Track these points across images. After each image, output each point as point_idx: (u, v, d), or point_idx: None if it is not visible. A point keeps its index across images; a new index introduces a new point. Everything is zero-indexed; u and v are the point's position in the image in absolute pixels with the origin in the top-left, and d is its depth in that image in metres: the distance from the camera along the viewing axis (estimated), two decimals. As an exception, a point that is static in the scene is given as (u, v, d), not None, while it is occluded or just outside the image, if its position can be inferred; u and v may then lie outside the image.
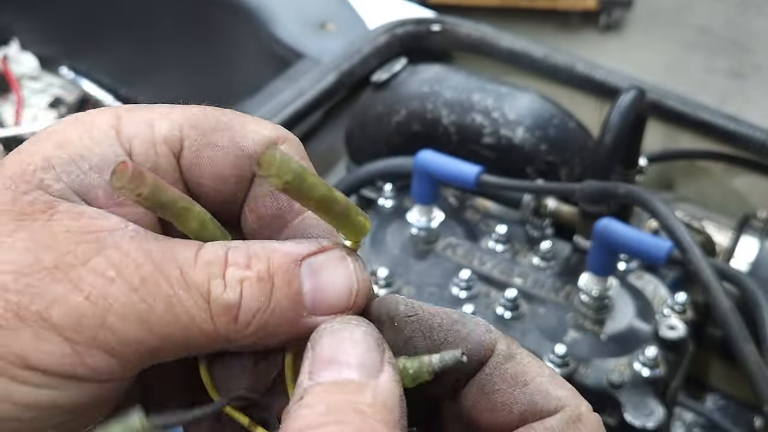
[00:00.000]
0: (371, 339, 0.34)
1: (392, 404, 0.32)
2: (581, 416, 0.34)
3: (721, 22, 4.19)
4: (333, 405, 0.31)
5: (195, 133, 0.38)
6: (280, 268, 0.35)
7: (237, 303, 0.34)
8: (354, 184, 1.21)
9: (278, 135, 0.39)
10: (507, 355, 0.36)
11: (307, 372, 0.33)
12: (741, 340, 0.90)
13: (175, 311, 0.33)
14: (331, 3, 1.63)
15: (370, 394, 0.31)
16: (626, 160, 1.20)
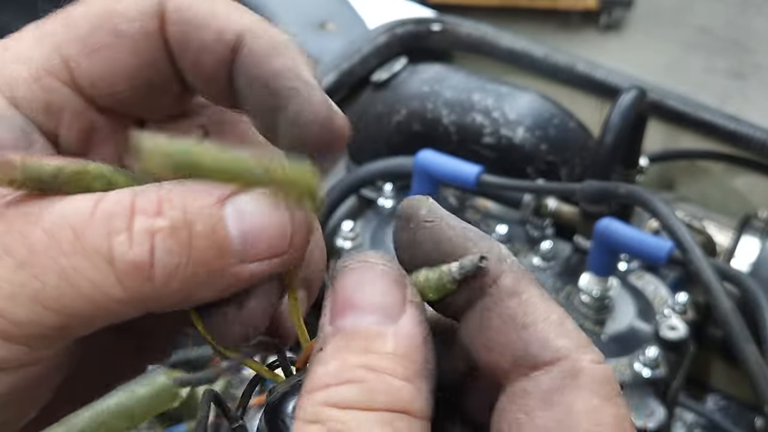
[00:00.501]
0: (390, 277, 0.30)
1: (413, 351, 0.29)
2: (580, 371, 0.29)
3: (721, 21, 4.19)
4: (347, 362, 0.28)
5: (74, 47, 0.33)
6: (200, 213, 0.30)
7: (148, 261, 0.29)
8: (354, 184, 1.21)
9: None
10: (511, 291, 0.31)
11: (328, 315, 0.30)
12: (742, 340, 0.90)
13: (72, 282, 0.29)
14: (331, 3, 1.63)
15: (390, 342, 0.29)
16: (627, 160, 1.20)
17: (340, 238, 1.14)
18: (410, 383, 0.28)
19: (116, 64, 0.34)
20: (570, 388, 0.29)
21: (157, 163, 0.27)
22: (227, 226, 0.30)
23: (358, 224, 1.16)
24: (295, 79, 0.33)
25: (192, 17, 0.34)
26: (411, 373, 0.29)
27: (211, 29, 0.33)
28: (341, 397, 0.28)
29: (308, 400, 0.28)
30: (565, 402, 0.29)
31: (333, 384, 0.28)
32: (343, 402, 0.28)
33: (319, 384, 0.28)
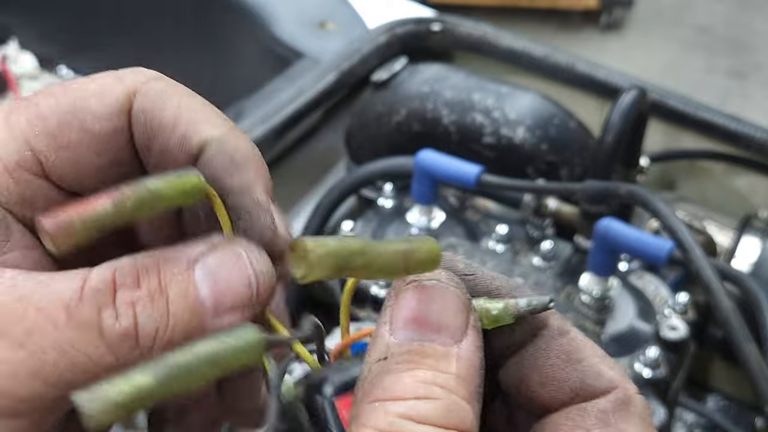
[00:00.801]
0: (459, 300, 0.33)
1: (473, 374, 0.31)
2: (631, 399, 0.33)
3: (721, 21, 4.19)
4: (420, 377, 0.30)
5: (43, 141, 0.35)
6: (173, 280, 0.33)
7: (133, 330, 0.32)
8: (354, 184, 1.21)
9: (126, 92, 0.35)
10: (561, 330, 0.35)
11: (389, 324, 0.32)
12: (742, 340, 0.90)
13: (69, 356, 0.31)
14: (331, 2, 1.63)
15: (454, 363, 0.31)
16: (627, 159, 1.20)
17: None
18: (471, 405, 0.31)
19: (84, 160, 0.35)
20: (624, 413, 0.33)
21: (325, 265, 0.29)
22: (197, 288, 0.33)
23: (358, 224, 1.16)
24: (247, 199, 0.35)
25: (157, 121, 0.35)
26: (470, 395, 0.31)
27: (174, 135, 0.35)
28: (419, 411, 0.29)
29: (381, 410, 0.30)
30: (621, 425, 0.32)
31: (409, 398, 0.30)
32: (420, 417, 0.29)
33: (393, 395, 0.30)
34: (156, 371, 0.28)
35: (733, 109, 1.39)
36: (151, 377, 0.28)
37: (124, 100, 0.35)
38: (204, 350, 0.29)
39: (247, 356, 0.30)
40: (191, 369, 0.29)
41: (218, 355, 0.29)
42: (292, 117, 1.29)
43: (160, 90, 0.36)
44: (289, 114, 1.29)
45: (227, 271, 0.33)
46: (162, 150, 0.35)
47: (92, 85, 0.36)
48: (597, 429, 0.32)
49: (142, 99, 0.35)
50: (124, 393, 0.27)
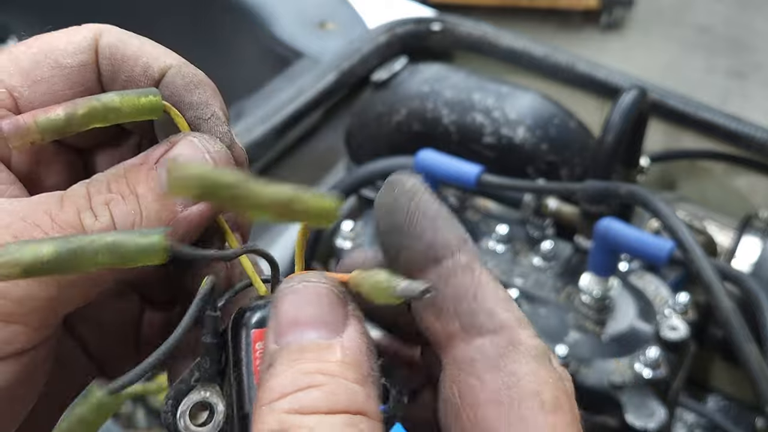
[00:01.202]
0: (332, 295, 0.33)
1: (360, 359, 0.32)
2: (519, 342, 0.33)
3: (721, 21, 4.19)
4: (302, 370, 0.30)
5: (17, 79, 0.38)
6: (139, 179, 0.36)
7: (111, 225, 0.35)
8: (354, 184, 1.21)
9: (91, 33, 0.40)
10: (465, 266, 0.34)
11: (273, 335, 0.32)
12: (743, 340, 0.90)
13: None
14: (331, 2, 1.63)
15: (338, 352, 0.31)
16: (627, 159, 1.20)
17: (340, 238, 1.14)
18: (363, 387, 0.31)
19: (56, 93, 0.39)
20: (512, 354, 0.32)
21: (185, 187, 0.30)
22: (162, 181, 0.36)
23: (358, 224, 1.15)
24: (205, 111, 0.39)
25: (122, 54, 0.39)
26: (361, 377, 0.31)
27: (138, 64, 0.39)
28: (303, 402, 0.30)
29: (269, 411, 0.30)
30: (510, 367, 0.32)
31: (292, 391, 0.30)
32: (307, 407, 0.29)
33: (276, 394, 0.30)
34: (59, 245, 0.31)
35: (733, 109, 1.39)
36: (53, 249, 0.30)
37: (90, 38, 0.39)
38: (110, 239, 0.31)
39: (147, 256, 0.32)
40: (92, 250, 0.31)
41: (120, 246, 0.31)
42: (292, 117, 1.29)
43: (120, 31, 0.40)
44: (289, 114, 1.29)
45: (184, 158, 0.37)
46: (127, 79, 0.39)
47: (57, 33, 0.40)
48: (488, 375, 0.32)
49: (107, 36, 0.39)
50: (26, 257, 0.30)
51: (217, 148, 0.38)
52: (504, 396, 0.32)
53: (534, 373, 0.32)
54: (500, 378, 0.32)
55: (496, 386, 0.32)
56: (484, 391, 0.32)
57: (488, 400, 0.32)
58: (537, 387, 0.32)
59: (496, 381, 0.32)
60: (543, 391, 0.32)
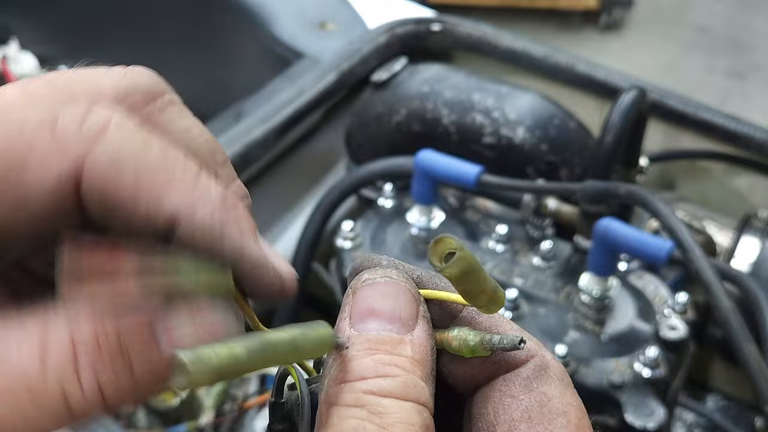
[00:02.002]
0: (410, 294, 0.36)
1: (426, 358, 0.35)
2: (549, 364, 0.37)
3: (721, 21, 4.19)
4: (379, 360, 0.34)
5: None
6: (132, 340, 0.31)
7: (101, 400, 0.31)
8: (354, 184, 1.21)
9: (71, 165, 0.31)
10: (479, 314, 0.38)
11: (348, 318, 0.35)
12: (742, 340, 0.90)
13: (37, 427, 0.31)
14: (331, 2, 1.63)
15: (408, 348, 0.35)
16: (627, 160, 1.20)
17: (340, 238, 1.14)
18: (427, 384, 0.34)
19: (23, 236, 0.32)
20: (544, 377, 0.36)
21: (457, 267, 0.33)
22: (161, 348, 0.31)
23: (358, 224, 1.16)
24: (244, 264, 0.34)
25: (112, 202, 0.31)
26: (425, 376, 0.35)
27: (137, 215, 0.31)
28: (380, 386, 0.33)
29: (348, 390, 0.33)
30: (542, 388, 0.36)
31: (372, 376, 0.33)
32: (383, 391, 0.33)
33: (358, 376, 0.34)
34: (249, 346, 0.31)
35: (732, 109, 1.39)
36: (245, 351, 0.31)
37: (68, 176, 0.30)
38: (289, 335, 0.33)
39: (320, 348, 0.34)
40: (277, 350, 0.32)
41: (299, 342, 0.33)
42: (292, 117, 1.29)
43: (111, 156, 0.31)
44: (289, 114, 1.29)
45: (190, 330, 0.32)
46: (126, 228, 0.32)
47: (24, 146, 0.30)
48: (522, 395, 0.36)
49: (91, 175, 0.30)
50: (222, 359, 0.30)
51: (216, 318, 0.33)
52: (536, 413, 0.35)
53: (562, 394, 0.36)
54: (533, 397, 0.36)
55: (529, 404, 0.35)
56: (519, 408, 0.35)
57: (522, 417, 0.35)
58: (564, 408, 0.35)
59: (530, 400, 0.36)
60: (569, 411, 0.35)
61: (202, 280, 0.32)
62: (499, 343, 0.35)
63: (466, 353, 0.36)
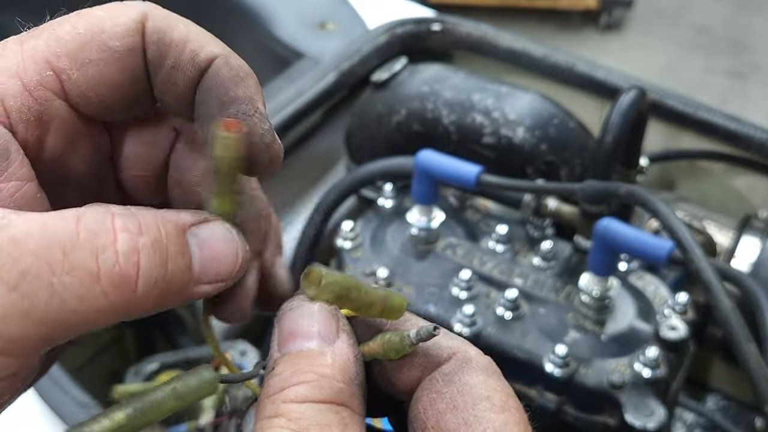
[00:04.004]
0: (326, 311, 0.38)
1: (348, 365, 0.36)
2: (471, 358, 0.38)
3: (720, 21, 4.19)
4: (297, 370, 0.35)
5: (65, 61, 0.37)
6: (172, 237, 0.35)
7: (134, 275, 0.33)
8: (354, 184, 1.21)
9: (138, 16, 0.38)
10: (403, 321, 0.40)
11: (276, 346, 0.37)
12: (742, 340, 0.90)
13: (60, 298, 0.32)
14: (331, 2, 1.63)
15: (329, 357, 0.36)
16: (627, 160, 1.20)
17: (340, 238, 1.14)
18: (348, 386, 0.36)
19: (104, 77, 0.38)
20: (465, 369, 0.37)
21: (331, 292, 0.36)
22: (192, 251, 0.36)
23: (358, 224, 1.16)
24: (249, 107, 0.39)
25: (169, 38, 0.38)
26: (348, 379, 0.36)
27: (185, 51, 0.38)
28: (296, 393, 0.35)
29: (268, 402, 0.35)
30: (464, 379, 0.37)
31: (288, 386, 0.35)
32: (299, 397, 0.34)
33: (276, 389, 0.35)
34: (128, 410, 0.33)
35: (732, 109, 1.39)
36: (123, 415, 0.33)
37: (137, 21, 0.38)
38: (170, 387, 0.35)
39: (202, 390, 0.36)
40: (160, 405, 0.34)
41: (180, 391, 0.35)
42: (292, 117, 1.30)
43: (166, 14, 0.39)
44: (289, 114, 1.29)
45: (218, 244, 0.37)
46: (174, 65, 0.38)
47: (101, 12, 0.38)
48: (445, 388, 0.37)
49: (153, 20, 0.38)
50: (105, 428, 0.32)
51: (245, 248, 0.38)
52: (459, 402, 0.36)
53: (484, 381, 0.37)
54: (455, 388, 0.37)
55: (452, 395, 0.37)
56: (443, 400, 0.37)
57: (447, 407, 0.37)
58: (487, 392, 0.37)
59: (452, 391, 0.37)
60: (492, 395, 0.37)
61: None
62: (416, 335, 0.37)
63: (394, 355, 0.38)
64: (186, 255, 0.35)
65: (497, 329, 1.03)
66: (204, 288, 0.37)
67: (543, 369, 0.98)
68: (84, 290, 0.32)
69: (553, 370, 0.98)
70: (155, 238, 0.34)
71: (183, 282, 0.35)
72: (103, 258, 0.32)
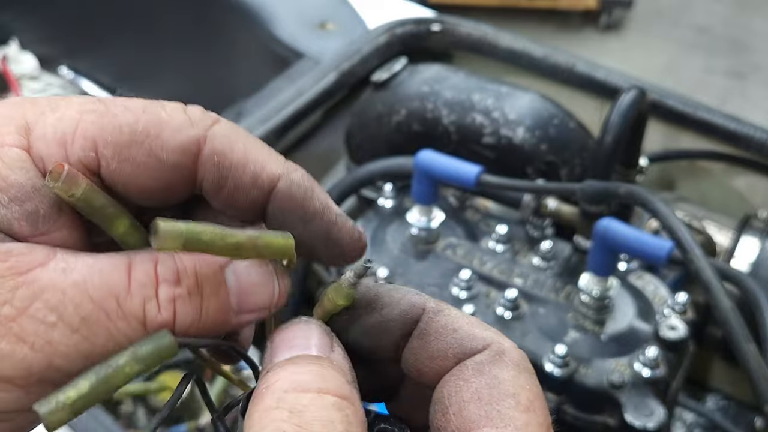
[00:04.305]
0: (322, 329, 0.39)
1: (344, 371, 0.37)
2: (505, 351, 0.38)
3: (720, 21, 4.19)
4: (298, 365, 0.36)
5: (110, 150, 0.38)
6: (207, 279, 0.37)
7: (171, 321, 0.36)
8: (354, 184, 1.21)
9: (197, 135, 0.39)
10: (436, 309, 0.40)
11: (269, 358, 0.38)
12: (742, 340, 0.90)
13: (115, 341, 0.35)
14: (331, 3, 1.63)
15: (326, 361, 0.37)
16: (627, 160, 1.20)
17: (340, 238, 1.14)
18: (346, 381, 0.36)
19: (141, 180, 0.39)
20: (497, 362, 0.37)
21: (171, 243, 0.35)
22: (229, 288, 0.38)
23: (358, 224, 1.16)
24: (329, 215, 0.41)
25: (229, 161, 0.39)
26: (347, 381, 0.36)
27: (246, 174, 0.39)
28: (299, 381, 0.34)
29: (268, 392, 0.34)
30: (494, 372, 0.37)
31: (289, 374, 0.35)
32: (302, 386, 0.34)
33: (275, 378, 0.35)
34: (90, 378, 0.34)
35: (732, 109, 1.39)
36: (87, 382, 0.34)
37: (194, 140, 0.39)
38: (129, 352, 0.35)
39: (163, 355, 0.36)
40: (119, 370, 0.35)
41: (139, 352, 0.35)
42: (292, 117, 1.30)
43: (226, 134, 0.39)
44: (289, 114, 1.29)
45: (254, 276, 0.39)
46: (235, 187, 0.39)
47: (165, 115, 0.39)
48: (473, 378, 0.37)
49: (212, 142, 0.39)
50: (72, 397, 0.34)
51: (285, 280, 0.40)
52: (485, 394, 0.36)
53: (514, 378, 0.37)
54: (483, 380, 0.37)
55: (479, 386, 0.37)
56: (469, 390, 0.37)
57: (471, 397, 0.37)
58: (514, 390, 0.36)
59: (480, 382, 0.37)
60: (520, 393, 0.36)
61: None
62: (352, 273, 0.39)
63: (343, 301, 0.39)
64: (221, 293, 0.37)
65: (497, 329, 1.03)
66: (245, 317, 0.38)
67: (543, 369, 0.99)
68: (135, 335, 0.36)
69: (553, 369, 0.98)
70: (190, 284, 0.37)
71: (220, 318, 0.37)
72: (148, 308, 0.36)
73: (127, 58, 1.97)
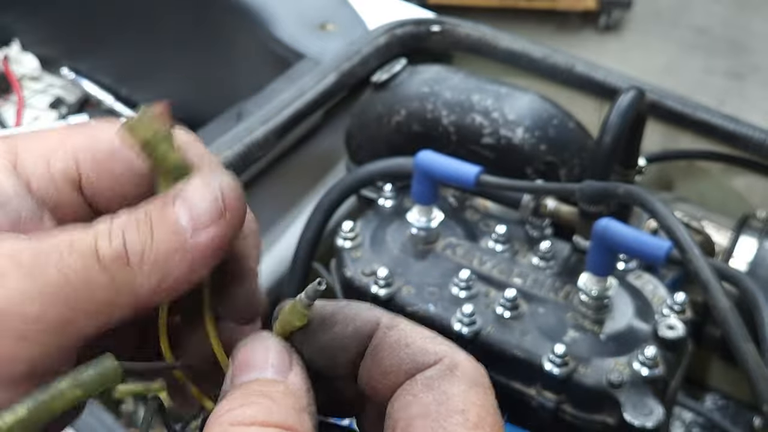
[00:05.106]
0: (280, 345, 0.39)
1: (301, 394, 0.37)
2: (457, 365, 0.37)
3: (719, 22, 4.19)
4: (248, 393, 0.36)
5: (90, 164, 0.40)
6: (155, 207, 0.38)
7: (123, 252, 0.36)
8: (354, 184, 1.21)
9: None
10: (390, 325, 0.39)
11: (230, 379, 0.38)
12: (740, 339, 0.90)
13: (70, 279, 0.35)
14: (331, 3, 1.63)
15: (282, 386, 0.37)
16: (626, 160, 1.20)
17: (340, 238, 1.14)
18: (299, 413, 0.35)
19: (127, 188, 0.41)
20: (448, 377, 0.37)
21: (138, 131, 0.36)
22: (175, 209, 0.37)
23: (358, 224, 1.16)
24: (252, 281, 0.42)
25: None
26: (299, 407, 0.36)
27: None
28: (245, 415, 0.34)
29: (216, 424, 0.34)
30: (443, 387, 0.36)
31: (236, 407, 0.35)
32: (247, 419, 0.34)
33: (224, 410, 0.35)
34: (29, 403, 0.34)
35: (731, 109, 1.40)
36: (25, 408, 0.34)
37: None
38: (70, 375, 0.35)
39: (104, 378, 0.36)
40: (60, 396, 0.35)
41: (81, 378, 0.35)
42: (292, 118, 1.30)
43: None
44: (289, 115, 1.29)
45: (198, 192, 0.38)
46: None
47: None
48: (422, 393, 0.36)
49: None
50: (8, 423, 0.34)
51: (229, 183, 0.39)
52: (433, 410, 0.36)
53: (464, 393, 0.36)
54: (432, 395, 0.36)
55: (427, 402, 0.36)
56: (417, 405, 0.36)
57: (418, 413, 0.36)
58: (464, 406, 0.36)
59: (428, 397, 0.36)
60: (469, 410, 0.36)
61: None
62: (306, 295, 0.39)
63: (299, 321, 0.39)
64: (169, 215, 0.37)
65: (496, 328, 1.04)
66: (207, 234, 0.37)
67: (542, 368, 0.99)
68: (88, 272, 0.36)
69: (552, 369, 0.98)
70: (138, 215, 0.37)
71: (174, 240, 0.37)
72: (100, 243, 0.36)
73: (128, 59, 1.97)
